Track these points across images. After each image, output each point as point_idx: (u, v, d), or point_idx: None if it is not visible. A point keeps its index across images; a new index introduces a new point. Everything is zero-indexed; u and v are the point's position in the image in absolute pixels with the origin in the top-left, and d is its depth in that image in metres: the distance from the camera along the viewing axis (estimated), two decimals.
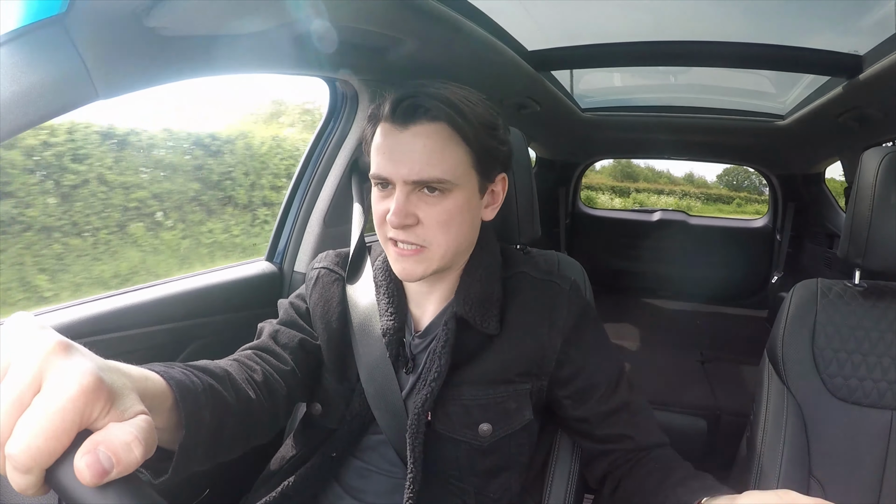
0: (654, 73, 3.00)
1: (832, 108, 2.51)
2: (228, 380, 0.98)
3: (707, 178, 15.64)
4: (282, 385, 1.12)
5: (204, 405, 0.84)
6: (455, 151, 1.05)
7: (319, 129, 1.94)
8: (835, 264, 3.59)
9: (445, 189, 1.05)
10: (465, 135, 1.05)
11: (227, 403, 0.93)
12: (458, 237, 1.10)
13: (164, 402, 0.74)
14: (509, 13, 1.86)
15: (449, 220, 1.07)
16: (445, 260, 1.11)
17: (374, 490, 1.20)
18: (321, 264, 1.33)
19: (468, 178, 1.09)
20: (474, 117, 1.06)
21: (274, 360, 1.15)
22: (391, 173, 1.05)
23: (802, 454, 1.42)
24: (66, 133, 2.80)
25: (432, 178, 1.03)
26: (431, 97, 1.04)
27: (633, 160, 16.46)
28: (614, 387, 1.19)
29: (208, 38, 1.17)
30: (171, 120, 3.65)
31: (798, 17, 2.01)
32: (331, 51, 1.47)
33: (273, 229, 1.98)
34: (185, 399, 0.77)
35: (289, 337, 1.21)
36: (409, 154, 1.03)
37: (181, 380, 0.79)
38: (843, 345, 1.47)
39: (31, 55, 0.87)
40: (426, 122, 1.04)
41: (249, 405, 1.00)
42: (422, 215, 1.06)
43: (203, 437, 0.83)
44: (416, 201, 1.05)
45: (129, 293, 1.46)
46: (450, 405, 1.14)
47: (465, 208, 1.09)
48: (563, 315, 1.17)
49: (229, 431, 0.93)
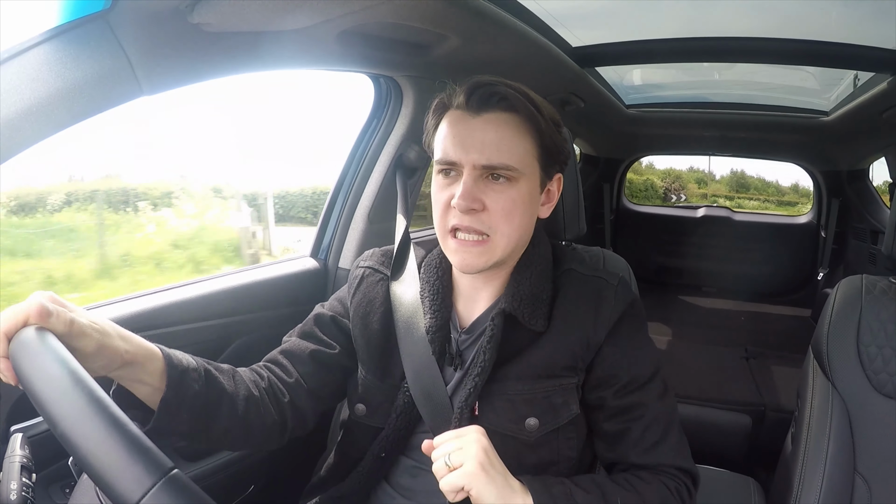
0: (699, 69, 2.97)
1: (876, 105, 2.47)
2: (231, 373, 1.12)
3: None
4: (284, 393, 1.19)
5: (194, 379, 1.00)
6: (525, 142, 1.08)
7: (364, 125, 1.94)
8: (879, 260, 3.52)
9: (512, 177, 1.06)
10: (537, 126, 1.08)
11: (222, 388, 1.07)
12: (519, 228, 1.11)
13: (156, 364, 0.96)
14: (553, 9, 1.84)
15: (513, 209, 1.07)
16: (506, 252, 1.11)
17: (424, 489, 1.19)
18: (366, 263, 1.33)
19: (533, 170, 1.10)
20: (546, 111, 1.09)
21: (278, 370, 1.22)
22: (460, 157, 1.06)
23: (847, 450, 1.41)
24: None
25: (502, 164, 1.05)
26: (506, 87, 1.06)
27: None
28: (637, 386, 1.14)
29: (252, 34, 1.17)
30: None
31: (842, 12, 1.96)
32: (374, 47, 1.47)
33: (318, 226, 1.99)
34: (172, 365, 0.97)
35: (300, 349, 1.25)
36: (481, 139, 1.05)
37: (175, 353, 1.00)
38: (888, 341, 1.45)
39: (76, 51, 0.88)
40: (500, 111, 1.06)
41: (250, 402, 1.11)
42: (488, 202, 1.06)
43: (188, 403, 0.98)
44: (482, 187, 1.07)
45: (174, 289, 1.48)
46: (496, 400, 1.12)
47: (527, 200, 1.10)
48: (609, 309, 1.14)
49: (225, 417, 1.06)
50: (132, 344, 0.93)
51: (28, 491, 0.79)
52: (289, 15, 1.15)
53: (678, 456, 1.13)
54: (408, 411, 1.18)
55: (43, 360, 0.77)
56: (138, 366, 0.93)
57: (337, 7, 1.19)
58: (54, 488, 1.16)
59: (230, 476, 1.52)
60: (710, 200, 14.44)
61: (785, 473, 1.53)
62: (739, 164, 13.94)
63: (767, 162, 9.67)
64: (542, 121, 1.08)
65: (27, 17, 0.87)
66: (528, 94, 1.08)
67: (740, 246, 4.60)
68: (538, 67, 2.15)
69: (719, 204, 5.59)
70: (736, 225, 4.71)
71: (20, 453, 0.85)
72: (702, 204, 5.00)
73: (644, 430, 1.12)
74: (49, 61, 0.85)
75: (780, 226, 4.81)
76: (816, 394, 1.48)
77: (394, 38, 1.49)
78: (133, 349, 0.92)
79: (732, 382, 3.16)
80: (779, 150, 4.24)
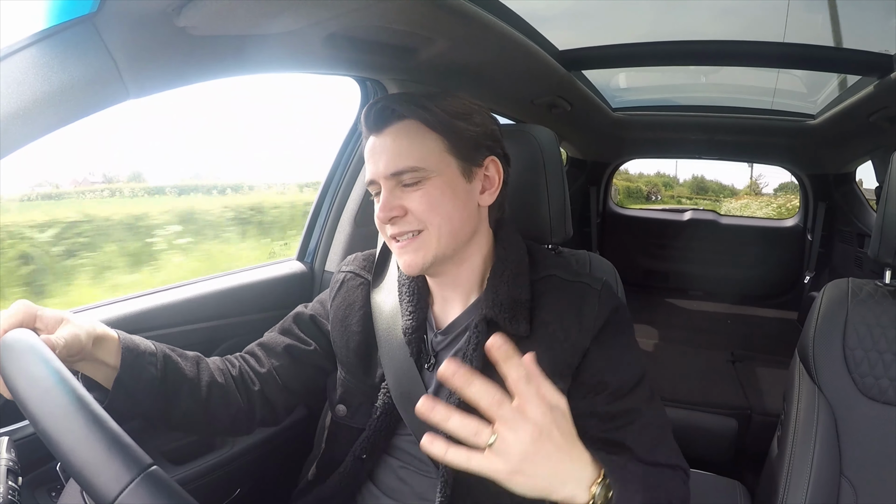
0: (685, 73, 2.99)
1: (863, 108, 2.48)
2: (195, 360, 1.19)
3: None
4: (254, 382, 1.25)
5: (150, 362, 1.08)
6: (425, 141, 1.12)
7: (351, 128, 1.94)
8: (866, 264, 3.54)
9: (422, 177, 1.10)
10: (431, 124, 1.12)
11: (182, 373, 1.13)
12: (450, 219, 1.12)
13: (111, 345, 1.04)
14: (540, 13, 1.85)
15: (433, 203, 1.11)
16: (442, 243, 1.12)
17: (410, 490, 1.19)
18: (347, 268, 1.36)
19: (445, 163, 1.13)
20: (440, 108, 1.13)
21: (252, 361, 1.28)
22: (373, 173, 1.13)
23: (833, 454, 1.41)
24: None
25: (405, 168, 1.10)
26: (395, 99, 1.14)
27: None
28: (626, 391, 1.14)
29: (239, 37, 1.17)
30: None
31: (828, 16, 1.98)
32: (362, 50, 1.47)
33: (304, 229, 1.99)
34: (127, 347, 1.05)
35: (275, 342, 1.30)
36: (385, 151, 1.12)
37: (133, 337, 1.09)
38: (874, 344, 1.45)
39: (62, 54, 0.88)
40: (396, 122, 1.12)
41: (213, 387, 1.17)
42: (408, 205, 1.11)
43: (144, 385, 1.06)
44: (399, 195, 1.11)
45: (160, 293, 1.48)
46: None
47: (449, 193, 1.12)
48: (592, 315, 1.15)
49: (185, 401, 1.13)
50: (90, 329, 1.01)
51: (14, 494, 0.79)
52: (276, 18, 1.15)
53: (676, 456, 1.14)
54: (388, 412, 1.19)
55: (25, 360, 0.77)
56: (96, 347, 1.02)
57: (324, 10, 1.20)
58: (41, 492, 1.15)
59: (217, 479, 1.51)
60: (676, 202, 14.73)
61: (771, 477, 1.53)
62: (700, 169, 14.50)
63: (725, 168, 9.76)
64: (434, 117, 1.12)
65: (12, 20, 0.87)
66: (417, 97, 1.14)
67: (727, 249, 4.62)
68: (525, 70, 2.15)
69: (704, 207, 5.61)
70: (722, 228, 4.74)
71: (6, 457, 0.85)
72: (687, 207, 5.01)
73: (640, 434, 1.12)
74: (35, 64, 0.85)
75: (766, 229, 4.84)
76: (802, 397, 1.48)
77: (381, 41, 1.49)
78: (91, 333, 1.00)
79: (719, 386, 3.17)
80: (765, 153, 4.26)
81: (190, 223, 3.21)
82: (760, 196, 14.87)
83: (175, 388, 1.12)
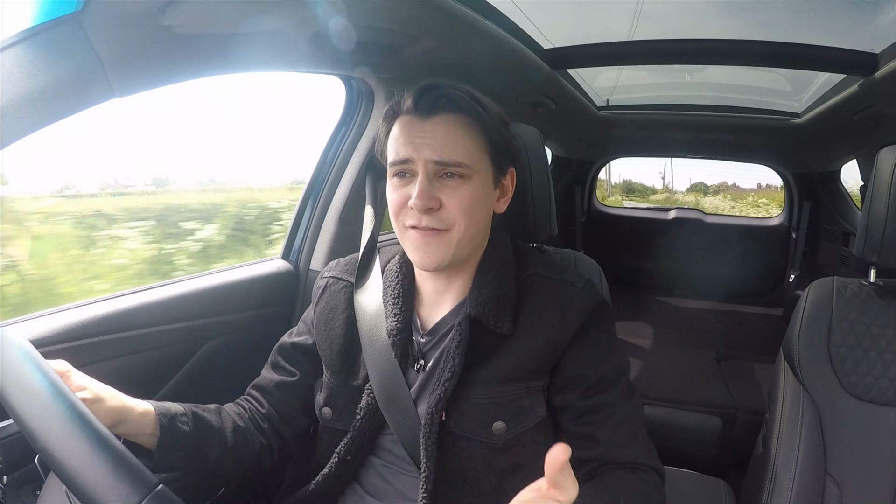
0: (670, 72, 3.00)
1: (848, 107, 2.50)
2: (217, 411, 1.25)
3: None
4: (263, 420, 1.31)
5: (183, 422, 1.14)
6: (474, 140, 1.11)
7: (336, 127, 1.94)
8: (850, 263, 3.54)
9: (465, 175, 1.09)
10: (484, 124, 1.11)
11: (210, 425, 1.20)
12: (477, 223, 1.13)
13: (150, 418, 1.09)
14: (525, 11, 1.86)
15: (470, 204, 1.10)
16: (463, 246, 1.13)
17: (394, 490, 1.20)
18: (329, 273, 1.35)
19: (485, 166, 1.13)
20: (492, 109, 1.13)
21: (254, 403, 1.33)
22: (413, 155, 1.09)
23: (818, 452, 1.42)
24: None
25: (454, 161, 1.08)
26: (454, 89, 1.11)
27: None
28: (604, 387, 1.15)
29: (224, 36, 1.17)
30: None
31: (814, 15, 1.99)
32: (347, 49, 1.47)
33: (289, 227, 1.98)
34: (162, 413, 1.11)
35: (266, 382, 1.34)
36: (432, 138, 1.09)
37: (164, 403, 1.14)
38: (859, 343, 1.47)
39: (47, 53, 0.88)
40: (448, 112, 1.10)
41: (237, 433, 1.24)
42: (444, 199, 1.09)
43: (181, 442, 1.12)
44: (438, 186, 1.09)
45: (142, 292, 1.46)
46: (463, 404, 1.13)
47: (482, 196, 1.13)
48: (574, 311, 1.16)
49: (216, 450, 1.19)
50: (124, 402, 1.07)
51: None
52: (261, 16, 1.16)
53: (649, 455, 1.15)
54: (372, 413, 1.18)
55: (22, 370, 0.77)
56: (135, 422, 1.07)
57: (308, 9, 1.20)
58: (25, 490, 1.14)
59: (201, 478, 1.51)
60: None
61: (756, 475, 1.54)
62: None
63: (697, 166, 9.83)
64: (490, 118, 1.11)
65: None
66: (474, 94, 1.13)
67: (712, 248, 4.60)
68: (510, 69, 2.16)
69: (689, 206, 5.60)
70: (707, 227, 4.72)
71: None
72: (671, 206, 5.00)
73: (614, 430, 1.13)
74: (20, 63, 0.85)
75: (751, 228, 4.84)
76: (787, 396, 1.50)
77: (367, 40, 1.49)
78: (125, 406, 1.07)
79: (703, 384, 3.18)
80: (750, 151, 4.26)
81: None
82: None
83: (206, 441, 1.17)
